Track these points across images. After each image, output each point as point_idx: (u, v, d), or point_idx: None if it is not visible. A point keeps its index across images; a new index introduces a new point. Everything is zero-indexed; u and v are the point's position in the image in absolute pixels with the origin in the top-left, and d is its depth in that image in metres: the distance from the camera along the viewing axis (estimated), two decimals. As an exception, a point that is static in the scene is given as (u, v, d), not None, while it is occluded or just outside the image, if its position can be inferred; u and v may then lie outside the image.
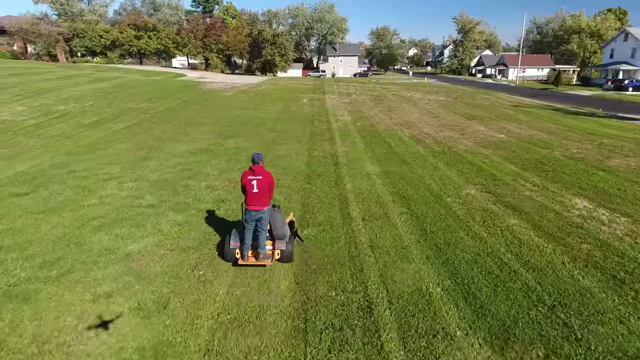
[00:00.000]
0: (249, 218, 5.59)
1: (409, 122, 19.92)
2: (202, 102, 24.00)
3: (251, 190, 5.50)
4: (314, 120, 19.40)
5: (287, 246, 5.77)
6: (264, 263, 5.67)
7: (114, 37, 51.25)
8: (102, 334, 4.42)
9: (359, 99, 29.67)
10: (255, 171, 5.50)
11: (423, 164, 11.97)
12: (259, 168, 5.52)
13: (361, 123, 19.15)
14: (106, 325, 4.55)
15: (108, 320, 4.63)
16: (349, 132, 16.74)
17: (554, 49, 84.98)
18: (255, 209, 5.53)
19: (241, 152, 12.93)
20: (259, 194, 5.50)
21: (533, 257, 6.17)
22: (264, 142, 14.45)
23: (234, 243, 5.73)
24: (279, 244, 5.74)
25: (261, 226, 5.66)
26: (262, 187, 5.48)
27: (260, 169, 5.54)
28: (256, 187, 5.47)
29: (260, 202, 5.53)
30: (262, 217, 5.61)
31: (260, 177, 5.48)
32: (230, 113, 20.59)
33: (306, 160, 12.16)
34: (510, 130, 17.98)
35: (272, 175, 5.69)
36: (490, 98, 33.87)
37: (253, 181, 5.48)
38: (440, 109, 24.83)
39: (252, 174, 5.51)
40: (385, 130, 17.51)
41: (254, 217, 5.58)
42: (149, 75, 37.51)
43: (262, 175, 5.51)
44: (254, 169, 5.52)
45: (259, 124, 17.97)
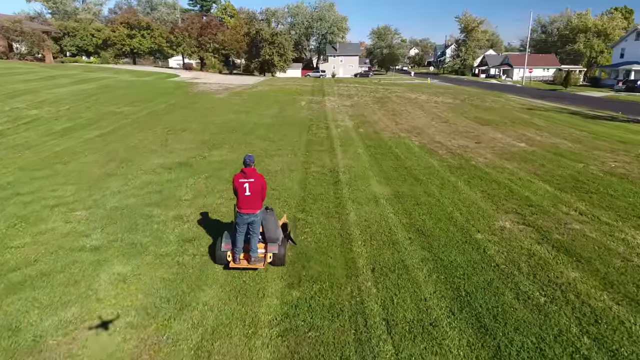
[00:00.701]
0: (241, 221, 5.49)
1: (416, 127, 18.04)
2: (190, 105, 22.11)
3: (243, 194, 5.39)
4: (312, 126, 17.52)
5: (280, 249, 5.67)
6: (255, 266, 5.56)
7: (105, 35, 49.38)
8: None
9: (361, 101, 27.78)
10: (247, 174, 5.38)
11: (440, 182, 10.09)
12: (250, 170, 5.39)
13: (364, 129, 17.27)
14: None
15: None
16: (351, 141, 14.86)
17: (559, 48, 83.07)
18: (247, 212, 5.43)
19: (226, 166, 11.05)
20: (250, 197, 5.40)
21: (621, 342, 4.29)
22: (254, 154, 12.51)
23: (225, 245, 5.63)
24: (272, 247, 5.65)
25: (253, 229, 5.56)
26: (254, 190, 5.40)
27: (252, 171, 5.41)
28: (248, 190, 5.38)
29: (252, 206, 5.44)
30: (254, 221, 5.52)
31: (252, 179, 5.39)
32: (219, 118, 18.71)
33: (301, 177, 10.28)
34: (530, 138, 16.11)
35: (264, 178, 5.57)
36: (500, 100, 31.99)
37: (245, 184, 5.37)
38: (449, 113, 22.95)
39: (244, 176, 5.39)
40: (391, 138, 15.63)
41: (246, 220, 5.48)
42: (140, 76, 35.65)
43: (254, 177, 5.41)
44: (245, 171, 5.39)
45: (250, 130, 16.09)
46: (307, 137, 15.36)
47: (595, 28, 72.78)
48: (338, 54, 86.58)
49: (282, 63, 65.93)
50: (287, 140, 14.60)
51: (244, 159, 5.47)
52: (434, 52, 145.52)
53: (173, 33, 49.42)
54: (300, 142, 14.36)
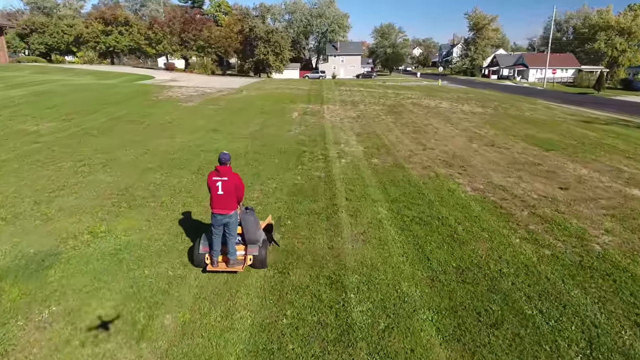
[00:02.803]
0: (216, 222, 5.22)
1: (455, 155, 12.42)
2: (141, 119, 16.49)
3: (216, 192, 5.11)
4: (303, 155, 11.89)
5: (260, 251, 5.40)
6: (234, 269, 5.34)
7: (77, 32, 43.79)
8: None
9: (370, 110, 22.11)
10: (221, 172, 5.08)
11: (568, 322, 4.50)
12: (225, 169, 5.10)
13: (380, 160, 11.65)
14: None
15: None
16: (364, 187, 9.22)
17: (577, 47, 77.39)
18: (220, 212, 5.15)
19: (126, 268, 5.45)
20: (224, 197, 5.10)
21: None
22: (192, 227, 6.94)
23: (203, 248, 5.40)
24: (251, 249, 5.39)
25: (229, 231, 5.29)
26: (227, 189, 5.08)
27: (227, 170, 5.11)
28: (221, 189, 5.08)
29: (225, 206, 5.13)
30: (229, 222, 5.22)
31: (226, 178, 5.07)
32: (171, 140, 13.10)
33: (273, 312, 4.69)
34: (635, 177, 10.51)
35: (239, 177, 5.23)
36: (537, 107, 26.32)
37: (218, 182, 5.07)
38: (489, 128, 17.32)
39: (217, 174, 5.10)
40: (424, 177, 10.00)
41: (220, 221, 5.19)
42: (104, 78, 30.07)
43: (228, 176, 5.08)
44: (219, 169, 5.10)
45: (205, 164, 10.44)
46: (293, 177, 9.71)
47: (618, 26, 67.14)
48: (339, 54, 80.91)
49: (278, 63, 60.38)
50: (260, 187, 8.97)
51: (219, 156, 5.12)
52: (439, 52, 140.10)
53: (152, 29, 43.62)
54: (281, 192, 8.73)
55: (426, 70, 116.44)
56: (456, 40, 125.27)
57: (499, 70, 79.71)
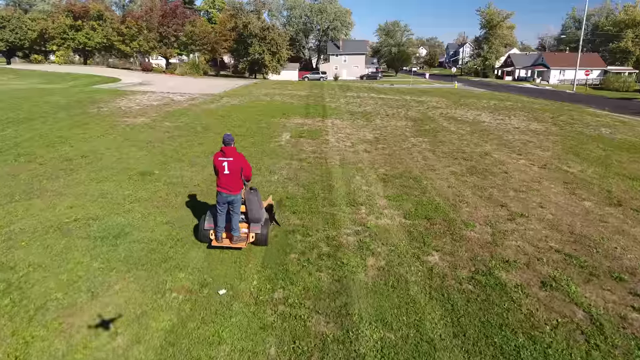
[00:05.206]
0: (221, 200, 5.33)
1: (573, 232, 6.51)
2: (47, 148, 10.56)
3: (222, 172, 5.21)
4: (289, 253, 5.99)
5: (262, 230, 5.53)
6: (238, 246, 5.47)
7: (41, 27, 37.96)
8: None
9: (390, 127, 16.11)
10: (226, 152, 5.17)
11: None
12: (229, 149, 5.17)
13: (446, 262, 5.73)
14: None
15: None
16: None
17: (600, 46, 71.46)
18: (225, 191, 5.26)
19: None
20: (230, 176, 5.21)
21: None
22: None
23: (208, 224, 5.55)
24: (254, 227, 5.51)
25: (233, 209, 5.39)
26: (233, 169, 5.19)
27: (232, 150, 5.19)
28: (227, 169, 5.18)
29: (231, 185, 5.24)
30: (234, 200, 5.33)
31: (232, 158, 5.17)
32: (46, 209, 7.19)
33: None
34: None
35: (244, 157, 5.31)
36: (603, 120, 20.34)
37: (224, 162, 5.17)
38: (578, 163, 11.38)
39: (223, 155, 5.19)
40: (549, 308, 4.06)
41: (225, 199, 5.31)
42: (53, 82, 24.22)
43: (233, 157, 5.19)
44: (224, 150, 5.17)
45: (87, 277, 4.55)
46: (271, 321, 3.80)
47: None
48: (341, 53, 75.02)
49: (274, 63, 54.50)
50: None
51: (224, 137, 5.21)
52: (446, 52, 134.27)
53: (125, 23, 37.64)
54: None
55: (433, 70, 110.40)
56: (460, 40, 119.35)
57: (514, 71, 73.74)
